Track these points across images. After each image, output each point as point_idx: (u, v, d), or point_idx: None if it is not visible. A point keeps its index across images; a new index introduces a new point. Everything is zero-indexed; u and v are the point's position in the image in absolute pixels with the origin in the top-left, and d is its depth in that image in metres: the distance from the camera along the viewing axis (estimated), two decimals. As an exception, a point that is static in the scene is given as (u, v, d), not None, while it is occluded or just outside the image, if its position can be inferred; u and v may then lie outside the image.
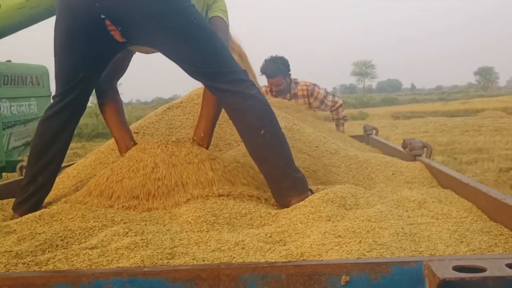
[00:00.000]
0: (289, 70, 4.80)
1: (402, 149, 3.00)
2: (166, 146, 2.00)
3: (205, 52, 1.88)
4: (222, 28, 2.25)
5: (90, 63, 1.95)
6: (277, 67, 4.72)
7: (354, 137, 4.19)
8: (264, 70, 4.71)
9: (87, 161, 2.46)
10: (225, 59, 1.92)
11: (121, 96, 2.36)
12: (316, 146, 2.61)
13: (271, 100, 3.25)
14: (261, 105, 1.91)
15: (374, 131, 4.48)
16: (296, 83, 4.86)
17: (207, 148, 2.13)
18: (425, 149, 2.82)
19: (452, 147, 9.69)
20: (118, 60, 2.18)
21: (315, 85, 4.93)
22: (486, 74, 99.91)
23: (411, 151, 2.82)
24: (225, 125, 2.57)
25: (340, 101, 5.03)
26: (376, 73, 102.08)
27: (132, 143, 2.23)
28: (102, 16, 1.81)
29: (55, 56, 1.95)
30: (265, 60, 4.75)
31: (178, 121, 2.69)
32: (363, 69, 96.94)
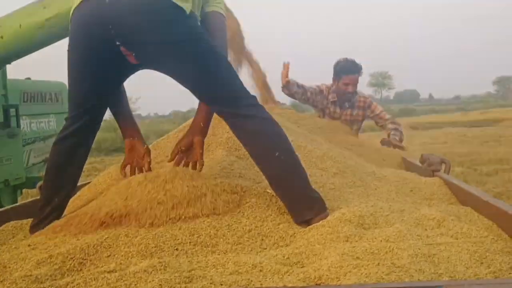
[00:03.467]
0: None
1: (420, 164, 2.98)
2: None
3: (216, 79, 1.91)
4: (222, 26, 2.21)
5: (104, 87, 1.99)
6: (358, 65, 4.71)
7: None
8: (343, 66, 4.67)
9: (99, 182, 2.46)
10: (236, 86, 1.95)
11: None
12: (332, 163, 2.60)
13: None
14: (275, 128, 1.93)
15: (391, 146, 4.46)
16: (355, 92, 4.85)
17: (203, 137, 2.13)
18: (443, 164, 2.79)
19: (472, 158, 9.60)
20: None
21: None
22: (505, 83, 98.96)
23: (429, 167, 2.80)
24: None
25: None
26: (393, 83, 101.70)
27: (136, 133, 2.26)
28: (117, 43, 1.84)
29: (68, 78, 1.97)
30: (343, 58, 4.72)
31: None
32: (380, 80, 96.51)
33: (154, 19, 1.81)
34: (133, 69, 2.02)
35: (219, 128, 2.57)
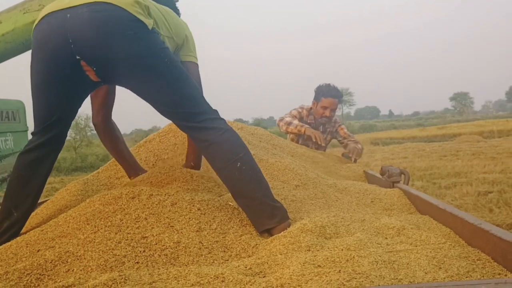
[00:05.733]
0: None
1: (380, 176, 3.02)
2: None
3: (178, 94, 1.91)
4: (195, 72, 2.29)
5: (65, 103, 1.96)
6: (339, 91, 4.81)
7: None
8: (324, 89, 4.75)
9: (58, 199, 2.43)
10: (198, 100, 1.96)
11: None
12: (294, 176, 2.62)
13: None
14: (235, 138, 1.94)
15: (353, 158, 4.51)
16: (332, 119, 4.93)
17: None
18: (402, 175, 2.84)
19: (431, 172, 9.77)
20: (106, 93, 2.26)
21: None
22: (461, 99, 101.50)
23: (389, 178, 2.84)
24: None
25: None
26: (354, 100, 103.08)
27: (137, 168, 2.44)
28: (78, 57, 1.82)
29: (32, 94, 1.95)
30: (325, 83, 4.82)
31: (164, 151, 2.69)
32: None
33: (115, 33, 1.79)
34: (95, 85, 2.00)
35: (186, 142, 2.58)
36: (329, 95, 4.72)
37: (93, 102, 2.37)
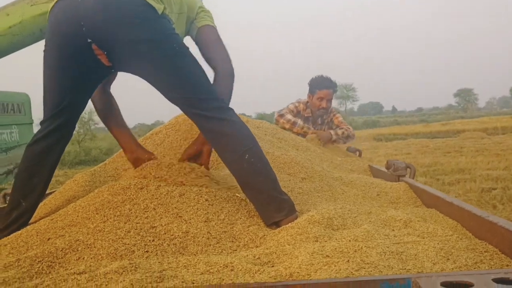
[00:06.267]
0: None
1: (385, 170, 3.03)
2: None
3: (188, 80, 1.92)
4: (217, 37, 2.25)
5: (76, 88, 1.97)
6: (332, 81, 4.82)
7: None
8: (318, 81, 4.77)
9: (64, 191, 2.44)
10: (206, 87, 1.96)
11: (102, 123, 2.39)
12: (300, 168, 2.63)
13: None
14: (244, 131, 1.94)
15: (357, 152, 4.52)
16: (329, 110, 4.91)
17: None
18: (408, 169, 2.85)
19: (434, 168, 9.75)
20: None
21: None
22: (465, 96, 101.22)
23: (395, 172, 2.84)
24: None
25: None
26: (357, 96, 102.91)
27: (135, 145, 2.30)
28: (89, 40, 1.83)
29: (44, 80, 1.96)
30: (318, 75, 4.83)
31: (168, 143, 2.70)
32: (345, 92, 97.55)
33: (126, 17, 1.82)
34: (106, 72, 2.02)
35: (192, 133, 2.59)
36: (323, 86, 4.74)
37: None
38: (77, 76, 1.94)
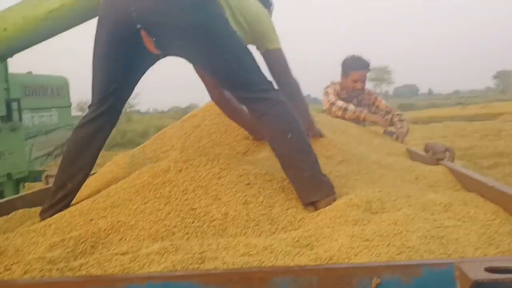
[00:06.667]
0: None
1: (424, 153, 2.99)
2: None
3: (236, 64, 1.94)
4: (280, 59, 2.39)
5: (124, 74, 2.00)
6: (365, 61, 4.72)
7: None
8: (351, 63, 4.67)
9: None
10: (254, 70, 1.98)
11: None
12: (337, 151, 2.61)
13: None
14: (288, 111, 1.96)
15: (394, 135, 4.46)
16: (364, 90, 4.83)
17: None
18: (447, 152, 2.80)
19: (472, 151, 9.61)
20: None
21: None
22: (505, 78, 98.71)
23: (434, 155, 2.80)
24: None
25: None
26: (393, 78, 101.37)
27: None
28: (138, 26, 1.85)
29: (92, 65, 2.00)
30: (350, 55, 4.74)
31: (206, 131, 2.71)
32: (379, 75, 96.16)
33: (176, 1, 1.84)
34: (153, 59, 2.04)
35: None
36: (356, 67, 4.66)
37: (205, 84, 2.41)
38: (124, 64, 1.97)
